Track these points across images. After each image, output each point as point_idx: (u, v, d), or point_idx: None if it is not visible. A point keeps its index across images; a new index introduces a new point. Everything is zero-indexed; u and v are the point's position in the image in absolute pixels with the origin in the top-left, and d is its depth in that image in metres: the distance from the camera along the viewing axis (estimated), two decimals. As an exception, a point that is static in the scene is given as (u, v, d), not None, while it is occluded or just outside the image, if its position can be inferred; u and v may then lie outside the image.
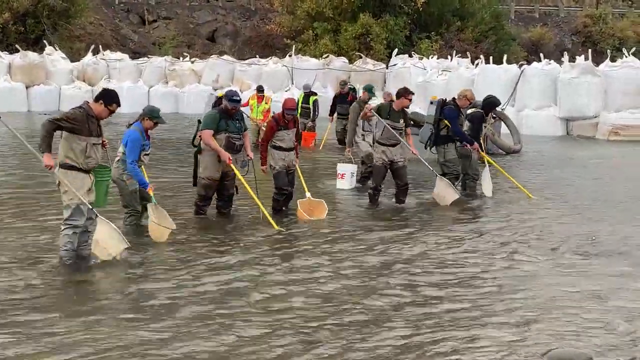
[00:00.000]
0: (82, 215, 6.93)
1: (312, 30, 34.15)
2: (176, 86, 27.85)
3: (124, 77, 27.73)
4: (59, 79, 27.45)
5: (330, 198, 10.80)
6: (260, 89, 17.09)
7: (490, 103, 11.87)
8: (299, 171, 10.19)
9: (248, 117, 13.79)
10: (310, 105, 17.67)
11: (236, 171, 9.15)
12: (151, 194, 8.19)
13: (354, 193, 11.67)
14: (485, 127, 12.01)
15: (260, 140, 10.74)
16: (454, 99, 11.33)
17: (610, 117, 20.55)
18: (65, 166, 6.88)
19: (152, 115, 8.36)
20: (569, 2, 47.27)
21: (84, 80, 27.95)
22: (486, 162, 11.48)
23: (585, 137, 20.65)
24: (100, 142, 7.11)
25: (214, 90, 26.15)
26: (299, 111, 17.06)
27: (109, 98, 6.99)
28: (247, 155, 9.31)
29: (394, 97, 10.90)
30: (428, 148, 11.53)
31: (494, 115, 11.87)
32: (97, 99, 7.02)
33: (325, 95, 24.33)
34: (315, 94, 18.51)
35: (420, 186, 12.03)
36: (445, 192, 10.62)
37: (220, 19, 39.85)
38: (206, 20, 39.48)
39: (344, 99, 17.47)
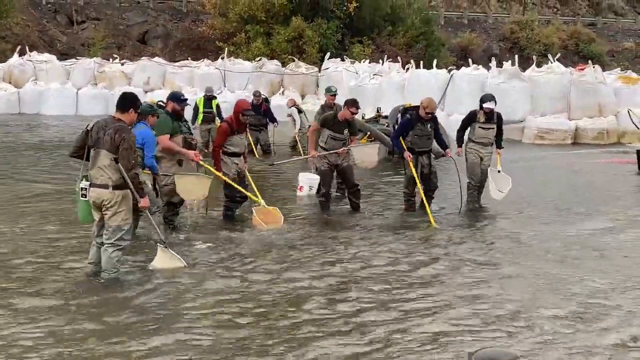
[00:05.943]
0: (130, 233, 6.89)
1: (245, 33, 34.13)
2: (106, 88, 27.41)
3: (52, 79, 27.22)
4: (-16, 81, 26.72)
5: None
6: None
7: (479, 100, 10.84)
8: (250, 178, 9.83)
9: None
10: (214, 109, 16.72)
11: (209, 167, 9.17)
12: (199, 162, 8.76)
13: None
14: (479, 127, 10.61)
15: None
16: (417, 107, 10.29)
17: (536, 121, 21.16)
18: (121, 187, 6.63)
19: (153, 110, 8.48)
20: (497, 9, 48.41)
21: (10, 82, 27.28)
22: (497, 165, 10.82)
23: (512, 140, 21.13)
24: None
25: (144, 92, 25.87)
26: (201, 117, 16.59)
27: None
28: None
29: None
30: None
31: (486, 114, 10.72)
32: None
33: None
34: (216, 97, 17.40)
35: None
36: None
37: (151, 20, 39.37)
38: (136, 22, 38.95)
39: (257, 109, 15.94)
